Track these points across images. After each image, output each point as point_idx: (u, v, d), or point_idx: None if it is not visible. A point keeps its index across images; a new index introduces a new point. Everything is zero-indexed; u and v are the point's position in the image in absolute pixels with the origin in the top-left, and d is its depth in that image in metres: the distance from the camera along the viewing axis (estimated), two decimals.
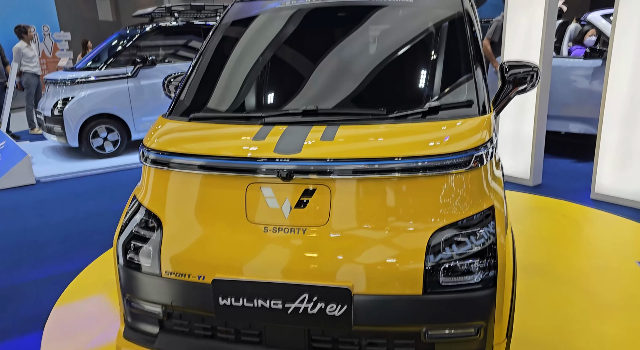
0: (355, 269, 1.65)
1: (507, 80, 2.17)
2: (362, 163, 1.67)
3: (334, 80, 2.21)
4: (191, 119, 2.08)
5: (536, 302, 2.73)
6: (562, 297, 2.79)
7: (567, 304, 2.71)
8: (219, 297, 1.72)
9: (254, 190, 1.76)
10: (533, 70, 2.19)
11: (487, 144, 1.76)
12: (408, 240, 1.67)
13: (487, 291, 1.64)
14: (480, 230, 1.68)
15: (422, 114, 1.89)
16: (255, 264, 1.72)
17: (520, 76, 2.17)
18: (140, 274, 1.86)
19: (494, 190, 1.82)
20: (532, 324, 2.52)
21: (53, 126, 6.56)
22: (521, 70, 2.18)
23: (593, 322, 2.55)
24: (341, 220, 1.71)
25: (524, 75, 2.19)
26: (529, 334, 2.43)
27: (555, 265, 3.18)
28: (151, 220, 1.89)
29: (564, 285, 2.91)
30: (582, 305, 2.71)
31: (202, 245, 1.80)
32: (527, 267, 3.13)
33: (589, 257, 3.29)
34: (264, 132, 1.85)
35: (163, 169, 1.90)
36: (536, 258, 3.28)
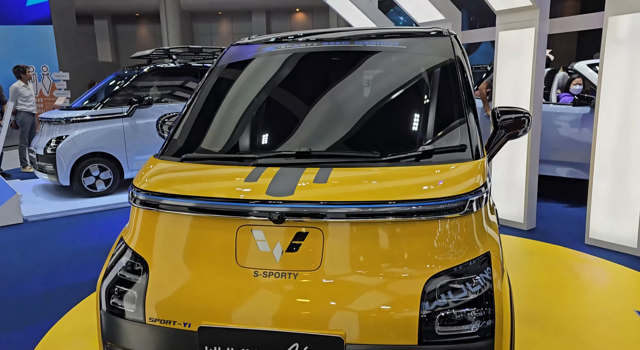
0: (348, 316, 1.59)
1: (500, 126, 2.19)
2: (356, 206, 1.65)
3: (328, 123, 2.21)
4: (183, 159, 2.06)
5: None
6: (558, 348, 2.70)
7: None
8: (205, 346, 1.64)
9: (244, 233, 1.72)
10: (525, 116, 2.22)
11: (482, 188, 1.75)
12: (402, 287, 1.62)
13: (485, 342, 1.57)
14: (476, 277, 1.63)
15: (416, 157, 1.88)
16: (244, 310, 1.66)
17: (512, 122, 2.20)
18: (123, 320, 1.78)
19: (490, 235, 1.79)
20: None
21: (45, 165, 6.51)
22: (513, 116, 2.21)
23: None
24: (334, 265, 1.66)
25: (515, 121, 2.22)
26: None
27: (551, 313, 3.10)
28: (137, 263, 1.83)
29: (560, 335, 2.82)
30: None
31: (189, 290, 1.74)
32: (523, 314, 3.05)
33: (586, 305, 3.22)
34: (256, 174, 1.83)
35: (152, 210, 1.87)
36: (532, 306, 3.20)
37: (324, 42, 2.50)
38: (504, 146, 4.92)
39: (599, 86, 4.23)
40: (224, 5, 24.11)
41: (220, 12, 25.33)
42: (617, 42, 4.07)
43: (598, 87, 4.24)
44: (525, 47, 4.72)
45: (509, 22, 4.81)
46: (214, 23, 25.79)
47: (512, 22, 4.78)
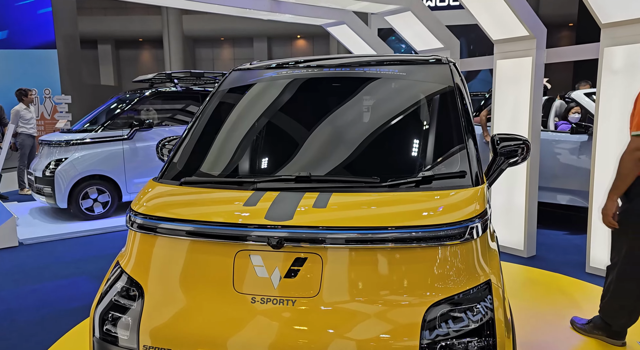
0: (346, 345, 1.56)
1: (499, 153, 2.20)
2: (355, 232, 1.63)
3: (328, 149, 2.22)
4: (182, 183, 2.05)
5: None
6: None
7: None
8: None
9: (242, 258, 1.70)
10: (524, 143, 2.23)
11: (482, 215, 1.74)
12: (402, 315, 1.59)
13: None
14: (477, 306, 1.61)
15: (416, 183, 1.88)
16: (241, 338, 1.63)
17: (511, 149, 2.21)
18: (116, 348, 1.74)
19: (490, 262, 1.77)
20: None
21: (43, 187, 6.49)
22: (512, 143, 2.22)
23: None
24: (333, 291, 1.63)
25: (514, 148, 2.22)
26: None
27: (553, 343, 3.04)
28: (133, 289, 1.80)
29: None
30: None
31: (185, 316, 1.71)
32: (524, 344, 2.99)
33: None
34: (255, 198, 1.82)
35: (149, 234, 1.85)
36: (534, 335, 3.14)
37: (324, 68, 2.53)
38: (504, 173, 4.93)
39: (596, 115, 4.26)
40: (225, 31, 24.54)
41: (222, 38, 25.77)
42: (612, 73, 4.13)
43: (595, 116, 4.28)
44: (523, 76, 4.78)
45: (507, 51, 4.89)
46: (216, 48, 26.19)
47: (510, 51, 4.86)
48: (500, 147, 2.20)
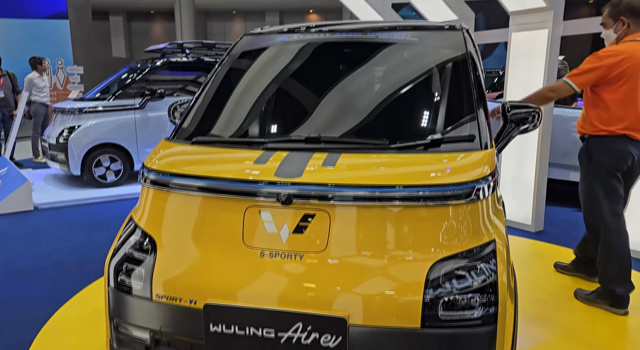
0: (352, 298, 1.60)
1: (510, 120, 2.19)
2: (363, 190, 1.66)
3: (338, 112, 2.23)
4: (194, 142, 2.09)
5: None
6: (562, 347, 2.68)
7: None
8: (210, 323, 1.66)
9: (252, 214, 1.74)
10: (535, 111, 2.21)
11: (489, 177, 1.76)
12: (407, 271, 1.63)
13: (487, 328, 1.58)
14: (481, 264, 1.64)
15: (424, 146, 1.89)
16: (249, 289, 1.68)
17: (522, 116, 2.20)
18: (130, 297, 1.80)
19: (495, 225, 1.79)
20: None
21: (57, 154, 6.59)
22: (523, 111, 2.21)
23: None
24: (340, 247, 1.67)
25: (525, 116, 2.21)
26: None
27: (556, 313, 3.08)
28: (146, 242, 1.86)
29: (564, 335, 2.81)
30: None
31: (195, 268, 1.76)
32: (528, 313, 3.03)
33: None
34: (265, 157, 1.85)
35: (162, 190, 1.89)
36: (537, 305, 3.18)
37: (336, 33, 2.52)
38: (514, 148, 4.91)
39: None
40: (238, 5, 24.24)
41: (234, 12, 25.47)
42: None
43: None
44: (538, 49, 4.70)
45: (522, 23, 4.80)
46: (228, 22, 25.93)
47: (526, 23, 4.77)
48: (510, 114, 2.19)
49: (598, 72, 2.86)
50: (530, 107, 2.22)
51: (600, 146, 2.99)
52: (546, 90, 3.03)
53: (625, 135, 2.92)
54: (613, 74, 2.84)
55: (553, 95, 3.01)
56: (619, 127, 2.91)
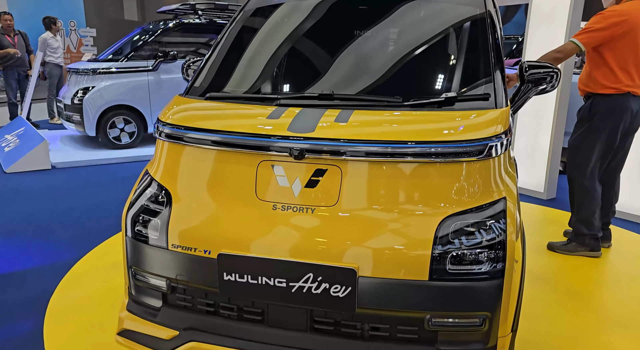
0: (362, 251, 1.63)
1: (527, 80, 2.15)
2: (375, 145, 1.67)
3: (352, 69, 2.21)
4: (207, 98, 2.10)
5: (543, 310, 2.67)
6: (570, 308, 2.72)
7: (576, 315, 2.65)
8: (224, 272, 1.71)
9: (265, 168, 1.76)
10: (553, 71, 2.17)
11: (502, 135, 1.75)
12: (417, 225, 1.65)
13: (494, 282, 1.61)
14: (490, 220, 1.65)
15: (438, 103, 1.88)
16: (262, 241, 1.71)
17: (540, 76, 2.16)
18: (147, 246, 1.86)
19: (507, 184, 1.79)
20: (537, 331, 2.47)
21: (72, 114, 6.66)
22: (541, 71, 2.16)
23: (600, 333, 2.49)
24: (351, 201, 1.69)
25: (543, 76, 2.17)
26: (533, 339, 2.38)
27: (564, 276, 3.12)
28: (162, 195, 1.90)
29: (573, 297, 2.85)
30: (591, 316, 2.64)
31: (210, 219, 1.80)
32: (535, 275, 3.07)
33: (601, 271, 3.22)
34: (278, 112, 1.86)
35: (177, 144, 1.92)
36: (547, 269, 3.22)
37: None
38: (531, 116, 4.83)
39: None
40: None
41: None
42: None
43: None
44: (560, 13, 4.56)
45: None
46: None
47: None
48: (528, 74, 2.15)
49: (604, 32, 2.95)
50: (548, 67, 2.18)
51: (605, 104, 3.08)
52: (554, 52, 3.07)
53: (629, 93, 3.04)
54: (617, 33, 2.94)
55: (561, 56, 3.05)
56: (624, 85, 3.02)
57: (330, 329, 1.71)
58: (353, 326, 1.69)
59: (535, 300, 2.76)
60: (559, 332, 2.47)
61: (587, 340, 2.42)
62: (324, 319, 1.71)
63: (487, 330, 1.64)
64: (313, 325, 1.72)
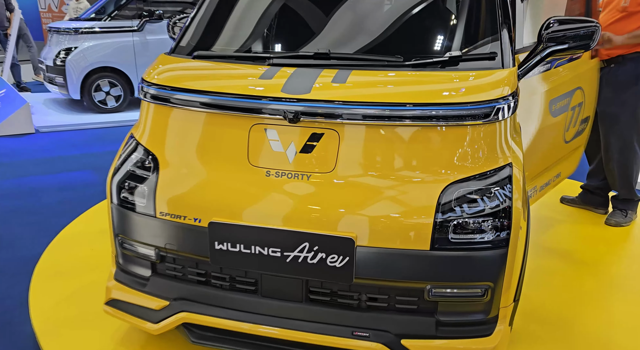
0: (360, 219, 1.57)
1: (547, 38, 1.91)
2: (374, 108, 1.58)
3: (349, 26, 2.08)
4: (195, 57, 1.97)
5: (547, 278, 2.62)
6: (575, 276, 2.68)
7: (580, 283, 2.61)
8: (215, 241, 1.64)
9: (257, 132, 1.66)
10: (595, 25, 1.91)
11: (509, 97, 1.65)
12: (418, 193, 1.58)
13: (497, 251, 1.55)
14: (495, 187, 1.58)
15: (441, 63, 1.77)
16: (255, 208, 1.64)
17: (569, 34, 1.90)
18: (134, 214, 1.78)
19: (512, 149, 1.71)
20: (541, 298, 2.44)
21: (55, 76, 6.42)
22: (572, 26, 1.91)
23: (605, 301, 2.47)
24: (349, 167, 1.61)
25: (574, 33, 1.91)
26: (535, 307, 2.36)
27: (571, 245, 3.04)
28: (148, 160, 1.80)
29: (579, 265, 2.80)
30: (596, 284, 2.61)
31: (199, 186, 1.72)
32: (541, 245, 3.01)
33: (609, 242, 3.15)
34: (271, 72, 1.75)
35: (164, 106, 1.81)
36: (553, 238, 3.13)
37: None
38: None
39: None
40: None
41: None
42: None
43: None
44: None
45: None
46: None
47: None
48: (550, 31, 1.89)
49: None
50: (587, 21, 1.91)
51: None
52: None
53: None
54: None
55: None
56: None
57: (327, 300, 1.67)
58: (350, 297, 1.65)
59: (537, 268, 2.72)
60: (561, 299, 2.45)
61: (590, 307, 2.40)
62: (320, 289, 1.66)
63: (488, 300, 1.60)
64: (308, 296, 1.68)
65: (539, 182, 2.67)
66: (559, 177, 2.99)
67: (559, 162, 2.90)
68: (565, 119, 2.73)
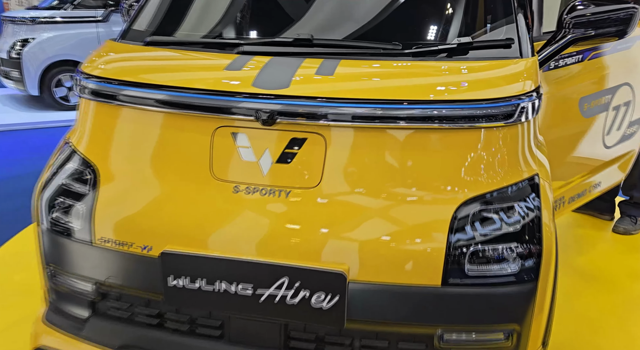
0: (352, 247, 1.26)
1: (572, 24, 1.61)
2: (369, 106, 1.28)
3: (337, 7, 1.75)
4: (148, 43, 1.63)
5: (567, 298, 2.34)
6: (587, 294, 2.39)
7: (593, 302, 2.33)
8: (169, 275, 1.31)
9: (222, 137, 1.34)
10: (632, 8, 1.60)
11: (533, 94, 1.35)
12: (425, 214, 1.28)
13: (526, 285, 1.26)
14: (520, 205, 1.29)
15: (448, 51, 1.48)
16: (220, 234, 1.32)
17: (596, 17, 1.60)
18: (67, 239, 1.44)
19: (537, 158, 1.42)
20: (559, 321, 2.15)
21: (10, 70, 5.93)
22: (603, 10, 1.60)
23: (624, 322, 2.20)
24: (338, 181, 1.30)
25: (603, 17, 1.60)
26: None
27: (578, 257, 2.75)
28: (87, 171, 1.46)
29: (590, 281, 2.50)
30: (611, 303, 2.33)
31: (150, 205, 1.39)
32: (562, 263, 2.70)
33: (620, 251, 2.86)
34: (240, 62, 1.43)
35: (106, 104, 1.47)
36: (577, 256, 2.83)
37: None
38: None
39: None
40: None
41: None
42: None
43: None
44: None
45: None
46: None
47: None
48: (573, 16, 1.60)
49: None
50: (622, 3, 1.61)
51: None
52: None
53: None
54: None
55: None
56: None
57: (311, 348, 1.34)
58: (341, 344, 1.33)
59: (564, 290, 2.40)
60: (572, 322, 2.17)
61: (610, 329, 2.13)
62: (302, 335, 1.35)
63: (513, 346, 1.30)
64: (288, 344, 1.35)
65: (568, 193, 2.33)
66: (599, 188, 2.60)
67: (597, 170, 2.51)
68: (604, 121, 2.38)
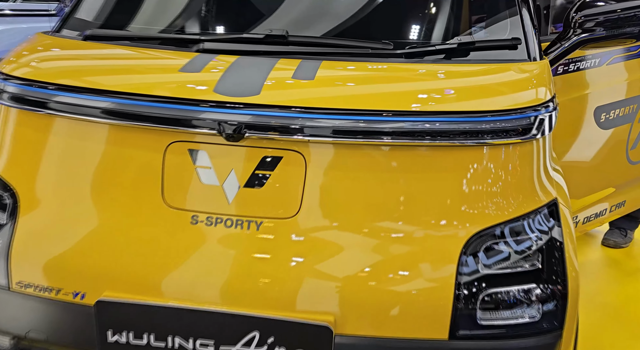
0: (340, 293, 1.07)
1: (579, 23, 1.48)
2: (356, 118, 1.10)
3: (317, 3, 1.54)
4: (87, 37, 1.39)
5: None
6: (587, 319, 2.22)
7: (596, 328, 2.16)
8: (108, 329, 1.10)
9: (177, 155, 1.13)
10: None
11: (549, 104, 1.17)
12: (428, 249, 1.11)
13: (550, 336, 1.09)
14: (540, 238, 1.11)
15: (446, 52, 1.32)
16: (174, 276, 1.11)
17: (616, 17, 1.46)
18: None
19: (555, 180, 1.26)
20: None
21: None
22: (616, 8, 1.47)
23: None
24: (321, 211, 1.11)
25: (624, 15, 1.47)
26: None
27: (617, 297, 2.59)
28: (4, 196, 1.23)
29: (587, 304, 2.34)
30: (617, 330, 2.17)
31: (84, 240, 1.17)
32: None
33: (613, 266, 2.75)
34: (200, 62, 1.22)
35: (31, 112, 1.24)
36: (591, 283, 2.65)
37: None
38: None
39: None
40: None
41: None
42: None
43: None
44: None
45: None
46: None
47: None
48: (582, 14, 1.47)
49: None
50: None
51: None
52: None
53: None
54: None
55: None
56: None
57: None
58: None
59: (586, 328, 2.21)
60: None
61: None
62: None
63: None
64: None
65: (583, 214, 2.17)
66: (622, 207, 2.42)
67: (620, 188, 2.35)
68: (627, 133, 2.23)
